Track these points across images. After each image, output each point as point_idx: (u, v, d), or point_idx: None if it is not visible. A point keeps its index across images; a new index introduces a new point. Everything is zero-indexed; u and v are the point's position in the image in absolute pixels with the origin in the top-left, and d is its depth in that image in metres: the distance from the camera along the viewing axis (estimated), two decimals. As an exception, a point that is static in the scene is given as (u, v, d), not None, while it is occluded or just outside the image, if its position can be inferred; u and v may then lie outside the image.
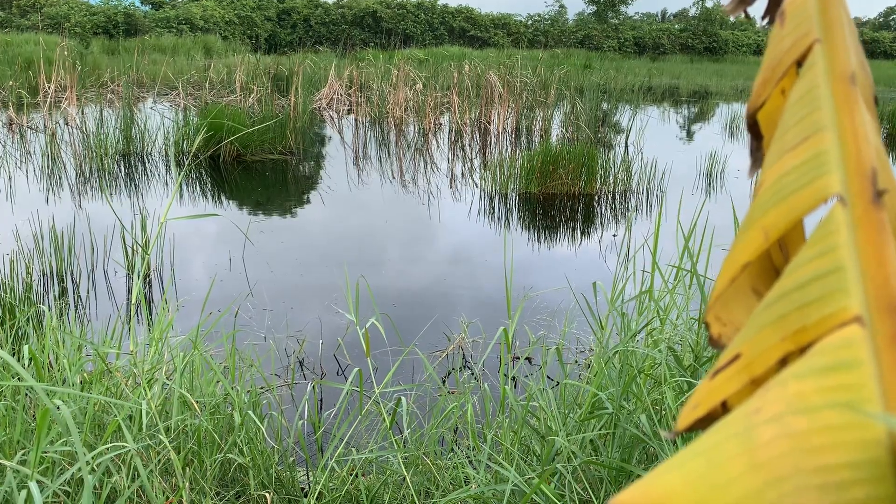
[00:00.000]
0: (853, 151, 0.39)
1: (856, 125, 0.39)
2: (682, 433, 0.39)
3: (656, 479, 0.31)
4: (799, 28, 0.44)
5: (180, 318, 4.30)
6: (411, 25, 46.54)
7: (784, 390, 0.32)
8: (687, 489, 0.31)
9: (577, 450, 2.18)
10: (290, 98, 12.60)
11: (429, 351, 3.94)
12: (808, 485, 0.30)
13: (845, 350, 0.33)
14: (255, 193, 8.23)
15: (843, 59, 0.42)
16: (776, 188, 0.40)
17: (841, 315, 0.34)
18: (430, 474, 2.40)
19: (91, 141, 9.38)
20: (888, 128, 14.37)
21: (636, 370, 2.30)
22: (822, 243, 0.37)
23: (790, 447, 0.30)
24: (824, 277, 0.35)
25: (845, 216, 0.37)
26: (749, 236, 0.41)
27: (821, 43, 0.43)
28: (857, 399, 0.31)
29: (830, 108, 0.40)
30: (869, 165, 0.38)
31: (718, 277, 0.44)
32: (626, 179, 8.35)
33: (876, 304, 0.34)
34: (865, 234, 0.36)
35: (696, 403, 0.39)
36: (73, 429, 1.59)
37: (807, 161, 0.39)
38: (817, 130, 0.40)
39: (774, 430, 0.31)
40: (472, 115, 13.32)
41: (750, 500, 0.30)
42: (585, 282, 3.80)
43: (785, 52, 0.45)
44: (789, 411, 0.31)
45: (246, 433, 2.39)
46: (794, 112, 0.42)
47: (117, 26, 37.22)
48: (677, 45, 51.28)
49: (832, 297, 0.35)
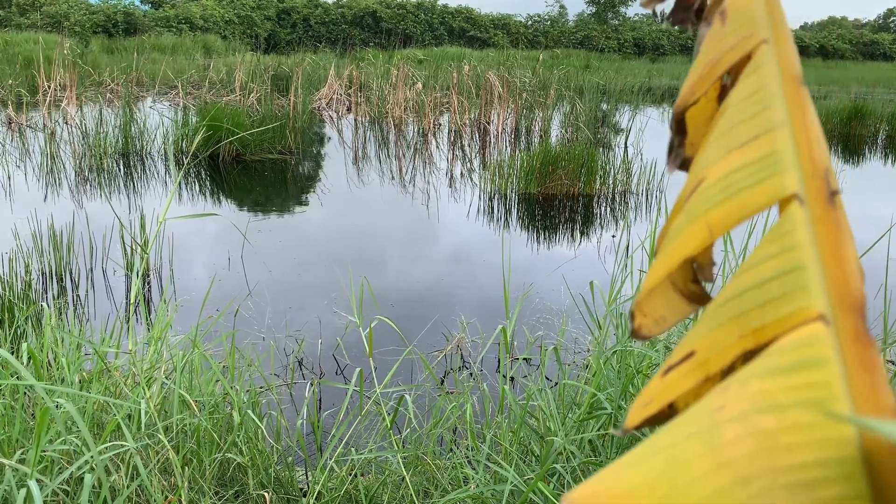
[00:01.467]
0: (807, 152, 0.39)
1: (808, 126, 0.40)
2: (634, 430, 0.39)
3: (613, 475, 0.31)
4: (742, 28, 0.44)
5: (179, 318, 4.30)
6: (411, 25, 46.54)
7: (747, 388, 0.32)
8: (647, 487, 0.30)
9: (575, 450, 2.18)
10: (289, 98, 12.60)
11: (428, 351, 3.94)
12: (777, 484, 0.29)
13: (810, 348, 0.33)
14: (255, 193, 8.23)
15: (791, 61, 0.42)
16: (723, 185, 0.40)
17: (803, 313, 0.34)
18: (430, 474, 2.40)
19: (90, 140, 9.38)
20: (888, 130, 14.38)
21: (634, 370, 2.31)
22: (780, 242, 0.36)
23: (757, 446, 0.30)
24: (784, 276, 0.35)
25: (803, 215, 0.37)
26: (692, 231, 0.40)
27: (768, 44, 0.43)
28: (824, 397, 0.31)
29: (782, 109, 0.40)
30: (823, 166, 0.38)
31: (652, 270, 0.43)
32: (626, 180, 8.35)
33: (838, 302, 0.34)
34: (824, 232, 0.36)
35: (648, 400, 0.38)
36: (81, 423, 1.59)
37: (759, 159, 0.39)
38: (768, 129, 0.40)
39: (740, 428, 0.31)
40: (471, 116, 13.32)
41: (717, 500, 0.29)
42: (585, 282, 3.80)
43: (726, 52, 0.45)
44: (755, 409, 0.31)
45: (245, 433, 2.40)
46: (740, 110, 0.42)
47: (117, 25, 37.20)
48: (677, 47, 51.30)
49: (793, 295, 0.35)
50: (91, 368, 2.58)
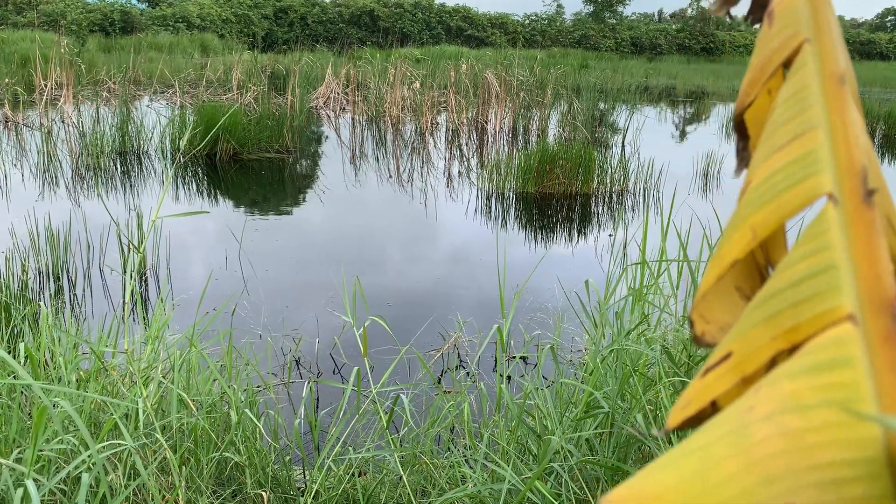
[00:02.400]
0: (844, 151, 0.39)
1: (846, 125, 0.40)
2: (674, 431, 0.39)
3: (649, 476, 0.31)
4: (787, 28, 0.44)
5: (177, 317, 4.29)
6: (408, 24, 46.51)
7: (777, 389, 0.32)
8: (680, 487, 0.31)
9: (573, 449, 2.19)
10: (286, 96, 12.59)
11: (425, 350, 3.94)
12: (803, 483, 0.30)
13: (838, 348, 0.33)
14: (252, 192, 8.22)
15: (832, 60, 0.42)
16: (765, 187, 0.40)
17: (833, 313, 0.34)
18: (427, 473, 2.40)
19: (87, 139, 9.36)
20: (884, 129, 14.41)
21: (631, 369, 2.31)
22: (814, 242, 0.37)
23: (785, 446, 0.31)
24: (816, 276, 0.36)
25: (837, 215, 0.37)
26: (737, 234, 0.41)
27: (810, 43, 0.43)
28: (851, 397, 0.31)
29: (821, 108, 0.41)
30: (859, 165, 0.38)
31: (705, 275, 0.44)
32: (623, 179, 8.36)
33: (868, 302, 0.34)
34: (857, 232, 0.36)
35: (687, 402, 0.39)
36: (79, 421, 1.59)
37: (797, 160, 0.39)
38: (807, 129, 0.40)
39: (768, 428, 0.31)
40: (469, 115, 13.32)
41: (745, 499, 0.30)
42: (581, 281, 3.80)
43: (773, 52, 0.45)
44: (783, 410, 0.32)
45: (243, 432, 2.39)
46: (783, 111, 0.42)
47: (114, 24, 37.13)
48: (674, 46, 51.35)
49: (824, 295, 0.35)
50: (88, 368, 2.58)
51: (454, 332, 4.12)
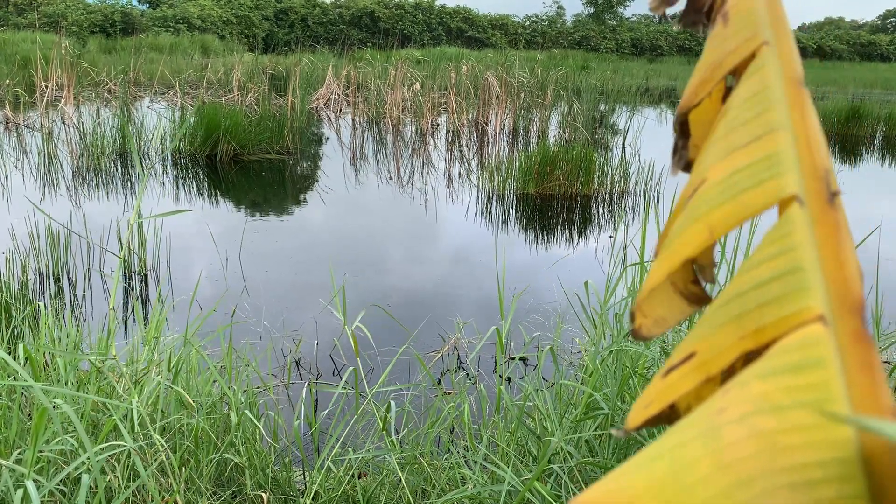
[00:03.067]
0: (807, 153, 0.39)
1: (808, 127, 0.40)
2: (634, 432, 0.39)
3: (619, 479, 0.31)
4: (744, 30, 0.44)
5: (177, 318, 4.29)
6: (409, 25, 46.54)
7: (748, 390, 0.32)
8: (653, 490, 0.30)
9: (573, 450, 2.18)
10: (287, 98, 12.60)
11: (425, 352, 3.94)
12: (777, 485, 0.30)
13: (809, 349, 0.33)
14: (252, 193, 8.22)
15: (792, 62, 0.42)
16: (724, 185, 0.40)
17: (803, 314, 0.34)
18: (427, 474, 2.40)
19: (87, 140, 9.36)
20: (885, 130, 14.42)
21: (631, 370, 2.31)
22: (780, 243, 0.37)
23: (758, 447, 0.30)
24: (784, 277, 0.36)
25: (803, 216, 0.37)
26: (692, 231, 0.41)
27: (769, 45, 0.43)
28: (824, 398, 0.31)
29: (783, 110, 0.40)
30: (822, 167, 0.38)
31: (652, 271, 0.43)
32: (623, 181, 8.36)
33: (838, 303, 0.34)
34: (824, 233, 0.36)
35: (649, 402, 0.39)
36: (77, 421, 1.59)
37: (760, 160, 0.39)
38: (770, 131, 0.40)
39: (740, 430, 0.31)
40: (469, 116, 13.32)
41: (718, 501, 0.30)
42: (582, 282, 3.80)
43: (729, 53, 0.45)
44: (755, 411, 0.31)
45: (242, 433, 2.39)
46: (742, 111, 0.42)
47: (114, 25, 37.15)
48: (675, 47, 51.36)
49: (793, 296, 0.35)
50: (87, 368, 2.57)
51: (454, 334, 4.12)
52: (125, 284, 4.95)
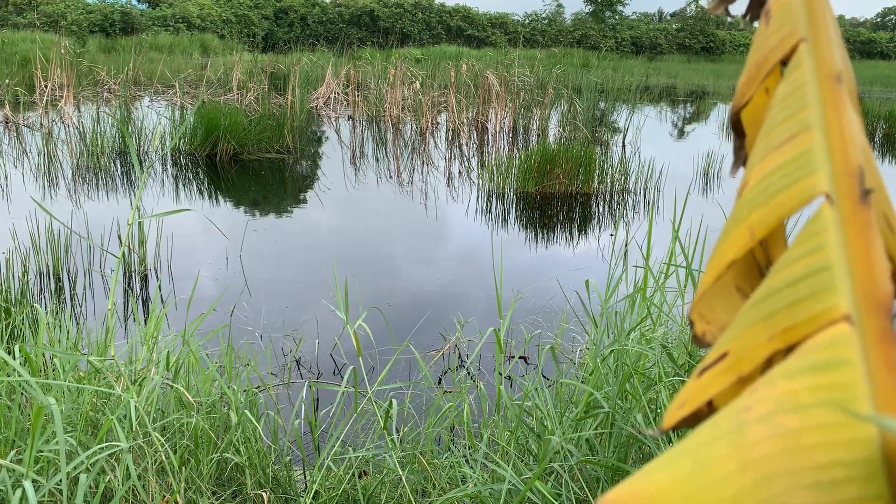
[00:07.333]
0: (840, 150, 0.39)
1: (842, 124, 0.39)
2: (670, 431, 0.39)
3: (645, 477, 0.31)
4: (784, 27, 0.44)
5: (177, 317, 4.29)
6: (408, 24, 46.51)
7: (773, 389, 0.32)
8: (676, 488, 0.31)
9: (573, 449, 2.18)
10: (287, 97, 12.59)
11: (425, 351, 3.94)
12: (799, 483, 0.30)
13: (834, 348, 0.33)
14: (252, 192, 8.22)
15: (828, 58, 0.42)
16: (762, 186, 0.40)
17: (830, 313, 0.34)
18: (427, 473, 2.40)
19: (87, 139, 9.36)
20: (885, 128, 14.40)
21: (632, 369, 2.31)
22: (810, 242, 0.36)
23: (781, 446, 0.30)
24: (812, 276, 0.35)
25: (833, 215, 0.36)
26: (735, 234, 0.41)
27: (806, 42, 0.43)
28: (847, 398, 0.31)
29: (817, 107, 0.40)
30: (856, 164, 0.38)
31: (703, 275, 0.44)
32: (623, 179, 8.35)
33: (864, 302, 0.34)
34: (854, 232, 0.36)
35: (683, 402, 0.39)
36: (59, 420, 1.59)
37: (793, 159, 0.39)
38: (804, 129, 0.40)
39: (764, 429, 0.31)
40: (469, 115, 13.32)
41: (740, 499, 0.30)
42: (582, 281, 3.80)
43: (770, 51, 0.45)
44: (779, 410, 0.31)
45: (242, 432, 2.39)
46: (779, 110, 0.42)
47: (114, 24, 37.14)
48: (674, 45, 51.35)
49: (821, 295, 0.35)
50: (86, 368, 2.57)
51: (454, 333, 4.11)
52: (125, 284, 4.94)
